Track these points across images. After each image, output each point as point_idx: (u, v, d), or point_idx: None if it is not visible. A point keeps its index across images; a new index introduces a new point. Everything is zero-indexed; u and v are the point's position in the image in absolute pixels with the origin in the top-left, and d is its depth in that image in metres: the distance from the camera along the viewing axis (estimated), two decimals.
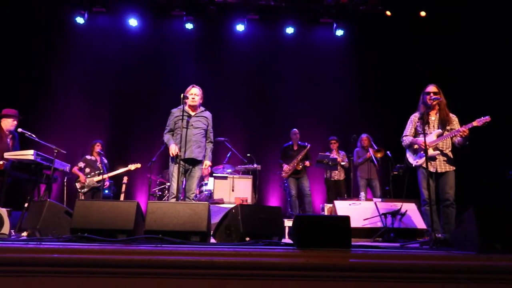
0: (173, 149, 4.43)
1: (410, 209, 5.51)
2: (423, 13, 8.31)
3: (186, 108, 4.60)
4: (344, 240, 2.66)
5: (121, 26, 8.75)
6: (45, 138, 5.26)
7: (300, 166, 7.18)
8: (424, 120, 3.89)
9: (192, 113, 4.62)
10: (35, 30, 8.34)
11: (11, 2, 8.04)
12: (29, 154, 4.47)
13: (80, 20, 8.43)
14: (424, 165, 4.12)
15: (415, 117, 4.35)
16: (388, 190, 7.02)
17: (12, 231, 3.70)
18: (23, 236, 3.22)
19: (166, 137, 4.64)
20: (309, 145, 7.32)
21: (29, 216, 3.50)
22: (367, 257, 2.52)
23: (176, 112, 4.66)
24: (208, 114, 4.77)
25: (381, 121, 8.40)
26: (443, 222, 3.98)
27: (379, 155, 7.16)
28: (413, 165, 4.28)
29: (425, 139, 3.73)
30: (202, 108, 4.75)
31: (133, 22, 8.62)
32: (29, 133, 5.05)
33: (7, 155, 4.56)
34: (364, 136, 7.45)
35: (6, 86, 7.92)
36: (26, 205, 4.33)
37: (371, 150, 7.20)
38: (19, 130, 5.09)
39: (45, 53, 8.48)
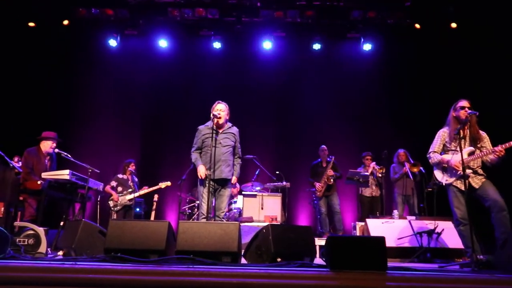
0: (202, 172, 4.31)
1: (446, 227, 5.30)
2: (454, 25, 8.11)
3: (213, 125, 4.45)
4: (380, 262, 2.57)
5: (151, 48, 9.02)
6: (78, 158, 5.42)
7: (332, 180, 7.07)
8: (460, 136, 3.74)
9: (219, 130, 4.49)
10: (70, 54, 8.74)
11: (47, 29, 8.48)
12: (65, 174, 4.62)
13: (113, 43, 8.77)
14: (454, 184, 3.95)
15: (444, 132, 4.16)
16: (423, 207, 6.77)
17: (48, 249, 3.80)
18: (59, 255, 3.30)
19: (194, 156, 4.52)
20: (332, 157, 7.19)
21: (65, 235, 3.59)
22: (404, 280, 2.42)
23: (203, 129, 4.55)
24: (235, 130, 4.65)
25: (413, 136, 8.18)
26: (499, 231, 3.66)
27: (415, 169, 6.89)
28: (443, 184, 4.09)
29: (462, 156, 3.57)
30: (229, 124, 4.63)
31: (162, 43, 8.87)
32: (65, 153, 5.23)
33: (44, 175, 4.72)
34: (401, 151, 7.20)
35: (43, 107, 8.32)
36: (61, 223, 4.45)
37: (407, 165, 6.96)
38: (56, 150, 5.28)
39: (79, 75, 8.87)
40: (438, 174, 4.14)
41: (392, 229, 5.44)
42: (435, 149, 4.14)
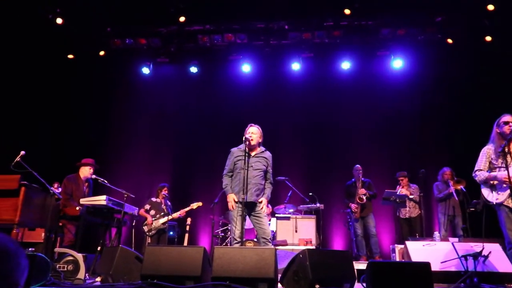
0: (231, 204, 4.27)
1: (493, 250, 4.98)
2: (488, 38, 7.86)
3: (245, 148, 4.40)
4: None
5: (182, 74, 9.27)
6: (113, 182, 5.53)
7: (364, 199, 6.87)
8: (505, 152, 3.55)
9: (251, 154, 4.42)
10: (106, 83, 9.14)
11: (85, 60, 8.91)
12: (102, 200, 4.70)
13: (146, 70, 9.11)
14: (506, 203, 3.71)
15: (488, 149, 3.96)
16: (465, 228, 6.43)
17: (86, 274, 3.85)
18: (97, 281, 3.32)
19: (224, 182, 4.46)
20: (369, 181, 7.09)
21: (102, 261, 3.63)
22: None
23: (235, 152, 4.50)
24: (268, 154, 4.56)
25: (449, 154, 7.90)
26: None
27: (458, 186, 6.54)
28: (493, 203, 3.85)
29: (508, 173, 3.38)
30: (262, 148, 4.56)
31: (193, 69, 9.10)
32: (102, 179, 5.36)
33: (82, 201, 4.84)
34: (446, 169, 6.85)
35: (80, 134, 8.66)
36: (98, 248, 4.52)
37: (451, 183, 6.64)
38: (93, 176, 5.42)
39: (114, 103, 9.25)
40: (486, 193, 3.91)
41: (434, 252, 5.17)
42: (481, 167, 3.93)
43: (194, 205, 7.09)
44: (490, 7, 7.30)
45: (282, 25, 8.45)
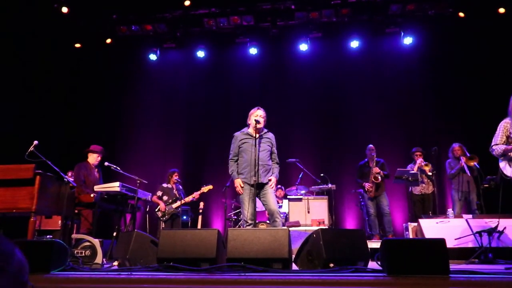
0: (239, 188, 4.37)
1: (508, 225, 4.95)
2: (501, 10, 7.63)
3: (250, 130, 4.54)
4: (442, 266, 2.42)
5: (189, 58, 9.24)
6: (125, 168, 5.58)
7: (379, 178, 6.83)
8: None
9: (257, 136, 4.49)
10: (114, 71, 9.14)
11: (92, 48, 8.91)
12: (115, 186, 4.76)
13: (153, 57, 9.08)
14: None
15: (506, 123, 3.89)
16: (479, 204, 6.37)
17: (104, 259, 3.93)
18: (114, 265, 3.39)
19: (231, 168, 4.56)
20: (382, 160, 7.01)
21: (119, 245, 3.69)
22: (470, 284, 2.26)
23: (239, 136, 4.59)
24: (271, 135, 4.66)
25: (462, 131, 7.77)
26: None
27: (471, 163, 6.43)
28: (511, 177, 3.80)
29: None
30: (265, 130, 4.65)
31: (200, 53, 9.04)
32: (114, 166, 5.40)
33: (96, 187, 4.90)
34: (456, 145, 6.73)
35: (90, 122, 8.73)
36: (114, 234, 4.60)
37: (462, 159, 6.54)
38: (106, 163, 5.46)
39: (123, 90, 9.27)
40: (504, 167, 3.85)
41: (448, 229, 5.16)
42: (498, 141, 3.87)
43: (205, 189, 7.11)
44: None
45: (289, 5, 8.30)
